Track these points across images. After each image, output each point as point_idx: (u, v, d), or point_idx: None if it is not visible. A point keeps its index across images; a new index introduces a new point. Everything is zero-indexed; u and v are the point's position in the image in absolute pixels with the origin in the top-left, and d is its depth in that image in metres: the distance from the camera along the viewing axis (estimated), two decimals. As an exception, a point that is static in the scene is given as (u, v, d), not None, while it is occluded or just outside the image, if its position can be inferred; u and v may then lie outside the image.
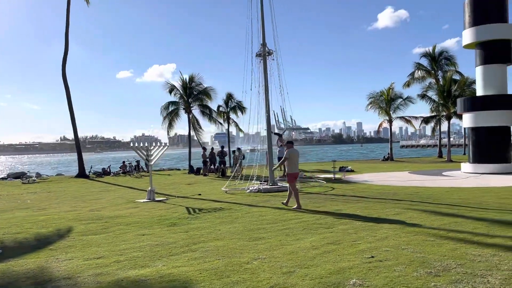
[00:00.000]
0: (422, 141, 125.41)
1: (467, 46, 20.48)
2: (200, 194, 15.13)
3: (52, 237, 8.35)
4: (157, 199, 13.92)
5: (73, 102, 25.73)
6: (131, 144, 13.83)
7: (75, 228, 9.23)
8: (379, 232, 7.81)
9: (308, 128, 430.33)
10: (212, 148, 25.85)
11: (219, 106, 34.37)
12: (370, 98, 39.54)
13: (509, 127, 19.80)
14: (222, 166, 24.12)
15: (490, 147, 19.49)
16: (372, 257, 6.16)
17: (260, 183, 16.83)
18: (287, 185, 16.18)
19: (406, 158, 44.62)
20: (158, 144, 14.44)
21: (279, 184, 16.35)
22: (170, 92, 28.05)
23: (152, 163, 14.30)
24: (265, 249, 6.83)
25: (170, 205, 12.63)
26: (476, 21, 19.42)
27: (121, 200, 14.30)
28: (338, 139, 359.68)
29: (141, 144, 14.31)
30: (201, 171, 25.58)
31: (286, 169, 12.04)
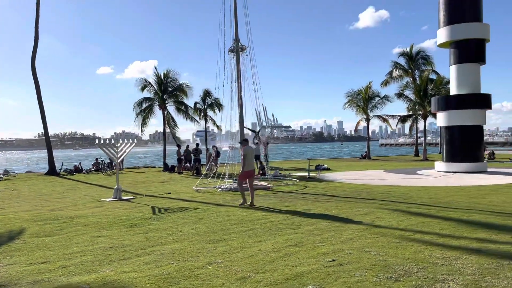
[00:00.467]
0: (401, 140, 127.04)
1: (442, 45, 20.52)
2: (169, 193, 14.71)
3: (1, 239, 7.84)
4: (124, 198, 13.44)
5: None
6: (96, 141, 13.29)
7: (28, 229, 8.72)
8: (345, 233, 7.57)
9: (289, 126, 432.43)
10: (188, 146, 25.38)
11: (196, 103, 33.86)
12: (348, 96, 39.60)
13: (482, 126, 19.93)
14: (196, 164, 23.67)
15: (463, 146, 19.59)
16: (333, 260, 5.90)
17: (233, 181, 16.50)
18: (260, 183, 15.96)
19: (383, 157, 44.91)
20: (126, 141, 13.93)
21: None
22: (143, 89, 27.38)
23: (119, 160, 13.80)
24: (224, 252, 6.50)
25: (136, 204, 12.19)
26: (451, 20, 19.46)
27: (86, 199, 13.77)
28: (319, 137, 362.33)
29: (125, 141, 13.79)
30: (176, 169, 25.08)
31: (243, 167, 11.86)
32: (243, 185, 11.54)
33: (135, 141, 14.08)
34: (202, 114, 34.33)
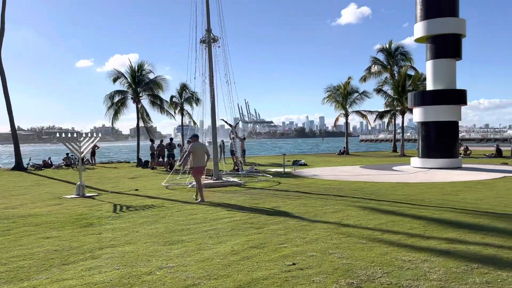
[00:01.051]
0: (381, 136, 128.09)
1: (418, 40, 20.34)
2: (137, 190, 14.11)
3: None
4: (87, 194, 12.79)
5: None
6: (57, 135, 12.59)
7: (-28, 230, 8.05)
8: (311, 233, 7.16)
9: (271, 122, 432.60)
10: (161, 140, 24.70)
11: (172, 97, 33.10)
12: (327, 91, 39.34)
13: (457, 122, 19.87)
14: (170, 159, 23.03)
15: (438, 142, 19.49)
16: (294, 264, 5.48)
17: (205, 178, 15.98)
18: (233, 179, 15.49)
19: (361, 152, 44.97)
20: (89, 135, 13.25)
21: (224, 179, 15.55)
22: (115, 81, 26.46)
23: (82, 155, 13.13)
24: (178, 255, 6.02)
25: (99, 201, 11.56)
26: (427, 14, 19.26)
27: (47, 195, 13.06)
28: (301, 132, 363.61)
29: (89, 135, 13.09)
30: (149, 164, 24.41)
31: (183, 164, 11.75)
32: (201, 181, 11.49)
33: (99, 134, 13.41)
34: (179, 108, 33.61)
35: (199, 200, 11.10)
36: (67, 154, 26.33)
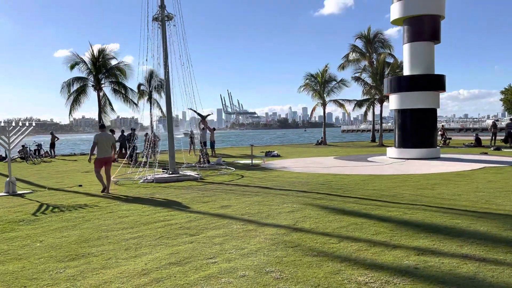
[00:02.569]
0: (362, 126, 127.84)
1: (395, 22, 19.08)
2: (81, 185, 12.56)
3: None
4: (19, 192, 11.20)
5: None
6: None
7: None
8: (253, 242, 5.81)
9: (255, 113, 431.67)
10: (123, 131, 23.02)
11: (139, 85, 31.29)
12: (306, 79, 37.99)
13: (435, 110, 18.74)
14: (131, 151, 21.38)
15: (415, 131, 18.35)
16: (213, 291, 4.11)
17: (163, 171, 14.53)
18: (190, 173, 14.05)
19: (340, 143, 43.94)
20: (20, 124, 11.61)
21: (181, 172, 14.09)
22: (72, 67, 24.54)
23: (11, 147, 11.49)
24: (70, 278, 4.59)
25: (26, 201, 10.00)
26: (404, -6, 17.98)
27: (-27, 194, 11.41)
28: (284, 123, 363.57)
29: (20, 124, 11.42)
30: (110, 157, 22.71)
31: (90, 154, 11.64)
32: (100, 173, 11.12)
33: (33, 124, 11.78)
34: (148, 97, 31.85)
35: (106, 191, 10.84)
36: (23, 146, 24.41)
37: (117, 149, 22.31)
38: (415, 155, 18.13)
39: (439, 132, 32.19)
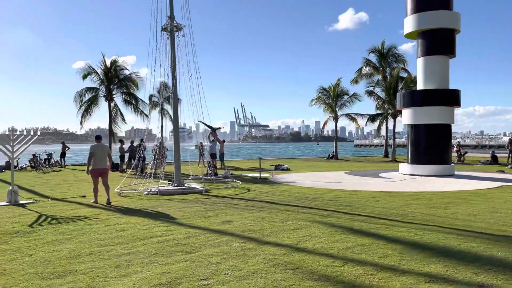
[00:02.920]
0: (376, 141, 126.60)
1: (409, 36, 18.71)
2: (84, 196, 12.36)
3: None
4: (21, 202, 11.03)
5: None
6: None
7: None
8: (251, 262, 5.45)
9: (267, 126, 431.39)
10: (132, 142, 22.91)
11: (151, 96, 31.30)
12: (319, 92, 37.66)
13: (450, 125, 18.21)
14: (140, 162, 21.22)
15: (429, 147, 17.83)
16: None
17: (169, 183, 14.28)
18: (196, 186, 13.76)
19: (351, 157, 43.32)
20: (25, 133, 11.50)
21: (186, 185, 13.81)
22: (85, 77, 24.64)
23: (15, 156, 11.36)
24: (50, 298, 4.28)
25: (27, 211, 9.80)
26: (418, 7, 17.63)
27: (-25, 202, 11.27)
28: (297, 137, 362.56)
29: (24, 133, 11.31)
30: (119, 167, 22.62)
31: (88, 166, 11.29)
32: (97, 185, 11.13)
33: (38, 133, 11.65)
34: (159, 108, 31.78)
35: (93, 201, 10.91)
36: (33, 154, 24.48)
37: (125, 160, 22.30)
38: (428, 172, 17.58)
39: (455, 149, 31.46)
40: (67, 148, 26.68)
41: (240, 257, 5.74)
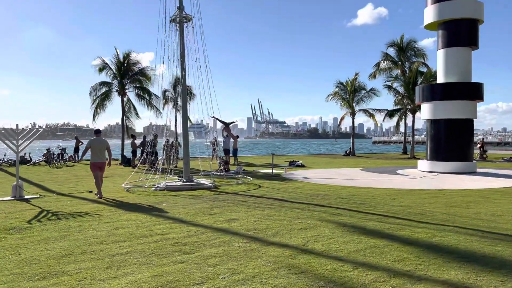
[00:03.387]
0: (394, 137, 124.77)
1: (429, 27, 17.92)
2: (91, 192, 12.09)
3: None
4: (26, 196, 10.82)
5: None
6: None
7: None
8: (251, 265, 5.01)
9: (284, 122, 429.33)
10: (144, 137, 22.70)
11: (165, 91, 31.09)
12: (337, 86, 36.86)
13: (472, 121, 17.40)
14: (153, 157, 21.00)
15: (450, 143, 17.06)
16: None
17: (178, 178, 13.95)
18: (206, 182, 13.38)
19: (369, 154, 42.43)
20: (30, 128, 11.28)
21: (196, 180, 13.45)
22: (100, 70, 24.48)
23: (20, 150, 11.15)
24: (27, 302, 3.92)
25: (30, 206, 9.56)
26: (439, -4, 16.83)
27: (-19, 197, 11.12)
28: (314, 133, 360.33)
29: (29, 128, 11.11)
30: (131, 162, 22.46)
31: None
32: (98, 179, 11.01)
33: (43, 127, 11.42)
34: (173, 103, 31.59)
35: (98, 196, 10.72)
36: (47, 149, 24.53)
37: (137, 155, 22.10)
38: (448, 169, 16.84)
39: (478, 145, 30.39)
40: (80, 143, 26.66)
41: (241, 258, 5.30)
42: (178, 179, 13.87)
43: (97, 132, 11.39)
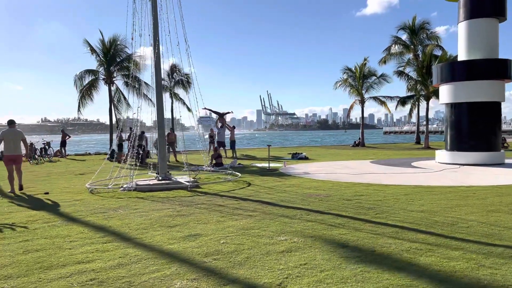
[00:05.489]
0: (406, 128, 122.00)
1: (449, -4, 15.58)
2: (47, 193, 10.12)
3: None
4: (-39, 201, 8.88)
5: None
6: None
7: None
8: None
9: (294, 114, 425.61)
10: (131, 129, 20.70)
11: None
12: (345, 73, 34.49)
13: (499, 104, 15.04)
14: (141, 151, 19.02)
15: (474, 130, 14.78)
16: None
17: (156, 176, 11.92)
18: (185, 179, 11.34)
19: (379, 144, 40.06)
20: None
21: (174, 178, 11.41)
22: (93, 51, 22.45)
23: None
24: None
25: (-49, 215, 7.59)
26: (461, -41, 14.46)
27: None
28: (324, 124, 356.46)
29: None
30: (117, 157, 20.49)
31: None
32: (12, 173, 10.35)
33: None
34: (170, 93, 29.61)
35: (9, 191, 10.15)
36: (31, 143, 22.64)
37: (124, 149, 20.11)
38: (472, 160, 14.58)
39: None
40: (67, 137, 24.82)
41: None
42: (157, 176, 11.83)
43: (11, 123, 10.61)
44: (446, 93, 15.33)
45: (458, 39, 15.55)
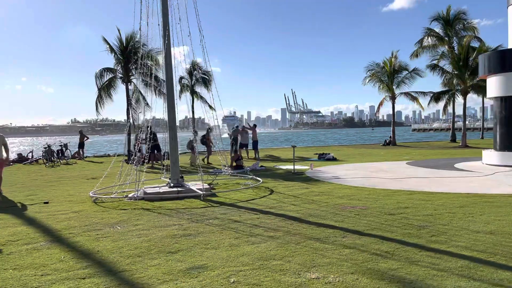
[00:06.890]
0: (435, 125, 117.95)
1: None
2: (46, 203, 9.08)
3: None
4: None
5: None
6: None
7: None
8: None
9: (319, 112, 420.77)
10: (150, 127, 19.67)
11: (181, 78, 28.08)
12: (369, 70, 32.70)
13: (560, 97, 13.18)
14: (155, 153, 18.01)
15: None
16: None
17: (168, 183, 10.73)
18: (200, 186, 10.09)
19: (411, 143, 37.93)
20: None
21: (188, 185, 10.18)
22: (112, 50, 21.62)
23: None
24: None
25: None
26: None
27: None
28: (350, 122, 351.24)
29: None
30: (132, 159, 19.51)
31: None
32: None
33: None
34: (190, 91, 28.61)
35: None
36: (48, 145, 21.98)
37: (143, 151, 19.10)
38: (527, 162, 12.78)
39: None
40: (85, 138, 24.10)
41: None
42: (168, 182, 10.63)
43: None
44: (495, 85, 13.55)
45: (508, 25, 13.72)
